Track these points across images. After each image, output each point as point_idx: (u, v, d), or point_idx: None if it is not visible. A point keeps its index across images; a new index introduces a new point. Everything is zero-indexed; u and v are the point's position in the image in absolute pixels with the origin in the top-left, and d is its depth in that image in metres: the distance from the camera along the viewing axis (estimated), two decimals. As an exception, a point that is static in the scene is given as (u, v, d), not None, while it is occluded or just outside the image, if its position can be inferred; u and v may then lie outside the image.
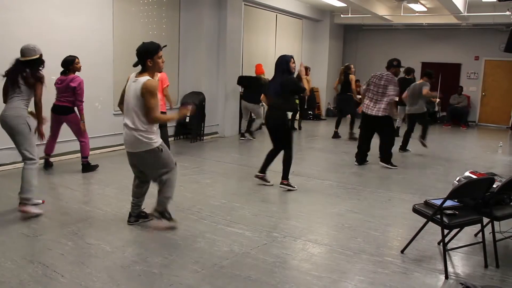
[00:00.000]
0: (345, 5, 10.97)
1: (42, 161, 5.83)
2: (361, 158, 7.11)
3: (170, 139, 8.57)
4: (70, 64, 5.74)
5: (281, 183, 5.50)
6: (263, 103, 7.25)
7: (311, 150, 8.40)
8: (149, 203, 4.18)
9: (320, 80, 13.93)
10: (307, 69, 9.77)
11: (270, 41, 11.70)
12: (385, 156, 7.01)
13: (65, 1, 6.47)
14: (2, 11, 5.70)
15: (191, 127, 8.62)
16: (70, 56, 5.80)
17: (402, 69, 7.33)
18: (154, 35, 8.12)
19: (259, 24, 11.12)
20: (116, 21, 7.29)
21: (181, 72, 8.90)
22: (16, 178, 5.43)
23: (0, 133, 5.25)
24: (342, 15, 13.07)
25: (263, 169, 5.65)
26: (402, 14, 11.40)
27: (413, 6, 11.11)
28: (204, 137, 8.85)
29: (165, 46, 3.96)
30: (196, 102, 8.62)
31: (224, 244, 3.77)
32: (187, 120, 8.57)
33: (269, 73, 8.92)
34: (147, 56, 3.71)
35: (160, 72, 4.02)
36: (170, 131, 8.67)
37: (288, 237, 4.00)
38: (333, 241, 3.99)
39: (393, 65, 6.93)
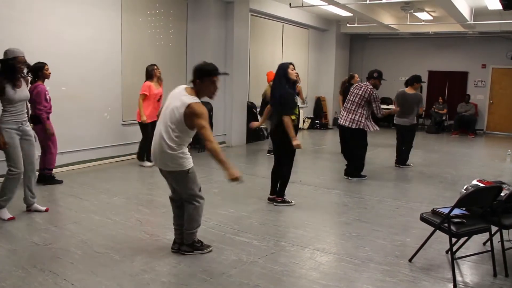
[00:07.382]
0: (351, 14, 11.03)
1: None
2: (345, 170, 6.80)
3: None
4: (39, 71, 5.43)
5: (275, 202, 5.28)
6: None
7: (318, 160, 8.40)
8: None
9: (327, 89, 13.97)
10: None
11: (277, 51, 11.77)
12: (352, 171, 6.66)
13: (73, 13, 6.55)
14: (10, 23, 5.77)
15: (199, 137, 8.64)
16: (39, 62, 5.45)
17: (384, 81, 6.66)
18: (162, 45, 8.22)
19: (265, 34, 11.20)
20: (124, 32, 7.38)
21: (188, 82, 8.96)
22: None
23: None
24: (348, 25, 13.15)
25: (274, 191, 5.35)
26: (408, 23, 11.43)
27: (419, 15, 11.14)
28: (212, 147, 8.88)
29: (226, 73, 4.03)
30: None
31: (232, 253, 3.79)
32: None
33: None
34: (197, 75, 3.70)
35: (210, 97, 3.81)
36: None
37: (296, 246, 4.01)
38: (341, 250, 3.99)
39: (373, 76, 6.41)
